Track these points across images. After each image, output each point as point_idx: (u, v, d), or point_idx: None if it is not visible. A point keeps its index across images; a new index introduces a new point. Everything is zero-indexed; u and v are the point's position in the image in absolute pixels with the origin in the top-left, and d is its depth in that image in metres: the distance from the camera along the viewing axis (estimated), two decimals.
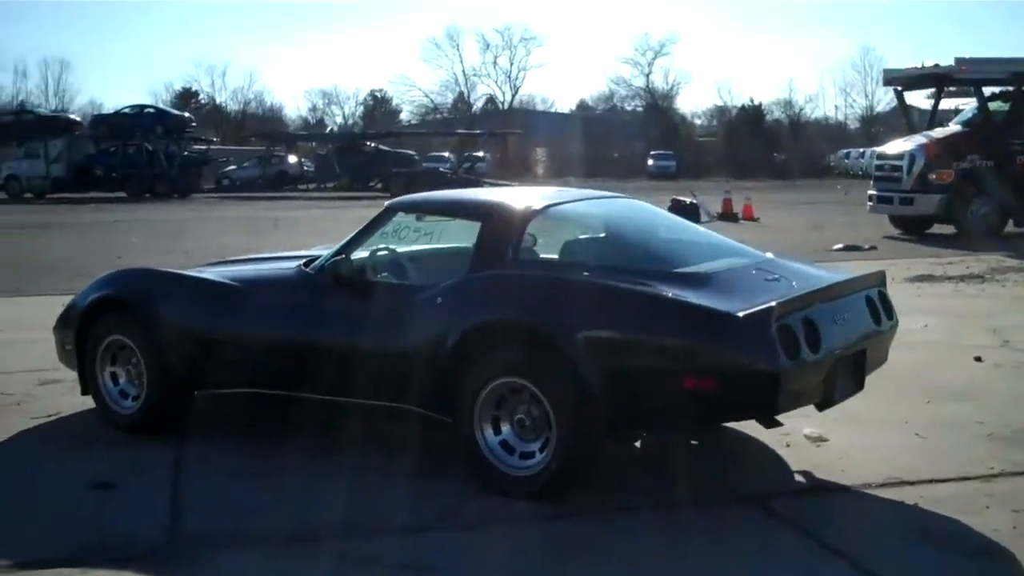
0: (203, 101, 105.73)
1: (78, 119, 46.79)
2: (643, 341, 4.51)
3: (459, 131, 58.36)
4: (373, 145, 45.09)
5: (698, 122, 77.88)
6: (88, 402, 6.11)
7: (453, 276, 5.06)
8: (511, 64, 79.75)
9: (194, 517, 4.63)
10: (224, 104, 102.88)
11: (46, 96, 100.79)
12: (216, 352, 5.63)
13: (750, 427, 5.39)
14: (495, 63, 79.32)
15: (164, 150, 41.58)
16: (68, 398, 6.39)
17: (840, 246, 16.04)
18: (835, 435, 5.65)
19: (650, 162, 56.98)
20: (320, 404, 5.34)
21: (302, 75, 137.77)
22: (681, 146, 60.97)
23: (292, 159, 45.05)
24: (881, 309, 5.18)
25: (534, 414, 4.70)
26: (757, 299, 4.48)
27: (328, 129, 65.50)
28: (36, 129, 42.78)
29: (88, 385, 6.04)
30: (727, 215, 22.50)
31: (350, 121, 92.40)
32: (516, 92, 79.96)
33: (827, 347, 4.58)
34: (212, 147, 47.35)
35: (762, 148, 58.00)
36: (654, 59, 74.02)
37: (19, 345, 8.32)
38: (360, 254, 5.45)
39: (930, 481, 4.96)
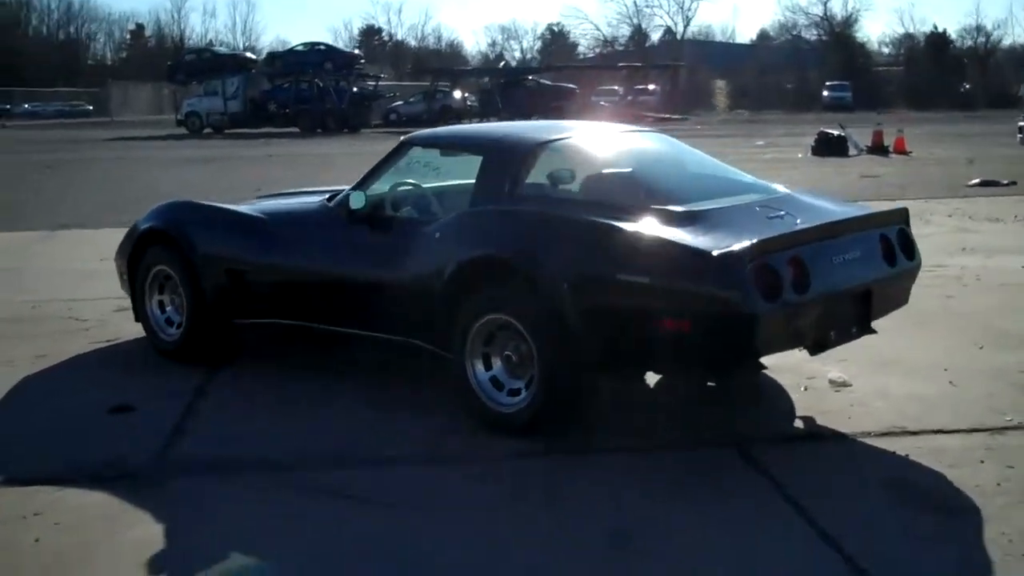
0: (384, 38, 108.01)
1: (254, 57, 48.39)
2: (620, 279, 4.41)
3: (621, 64, 57.53)
4: (534, 79, 45.04)
5: (886, 51, 74.88)
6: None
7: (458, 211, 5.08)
8: None
9: (187, 443, 4.80)
10: (404, 40, 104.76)
11: (233, 35, 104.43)
12: (244, 283, 5.80)
13: (773, 368, 5.32)
14: None
15: (334, 86, 42.57)
16: (133, 325, 6.65)
17: (976, 181, 15.24)
18: (862, 380, 5.46)
19: (825, 93, 55.20)
20: (354, 338, 5.43)
21: (479, 11, 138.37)
22: (859, 76, 58.62)
23: (456, 94, 45.45)
24: (898, 249, 4.93)
25: (521, 350, 4.68)
26: (744, 237, 4.32)
27: (502, 64, 65.53)
28: (214, 67, 44.41)
29: (138, 312, 6.32)
30: (877, 148, 21.65)
31: (528, 56, 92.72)
32: (688, 23, 78.51)
33: (819, 288, 4.39)
34: (380, 83, 48.18)
35: (946, 78, 55.20)
36: None
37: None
38: (376, 188, 5.51)
39: (935, 431, 4.73)
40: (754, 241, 4.24)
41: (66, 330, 7.01)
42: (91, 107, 71.22)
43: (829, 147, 21.26)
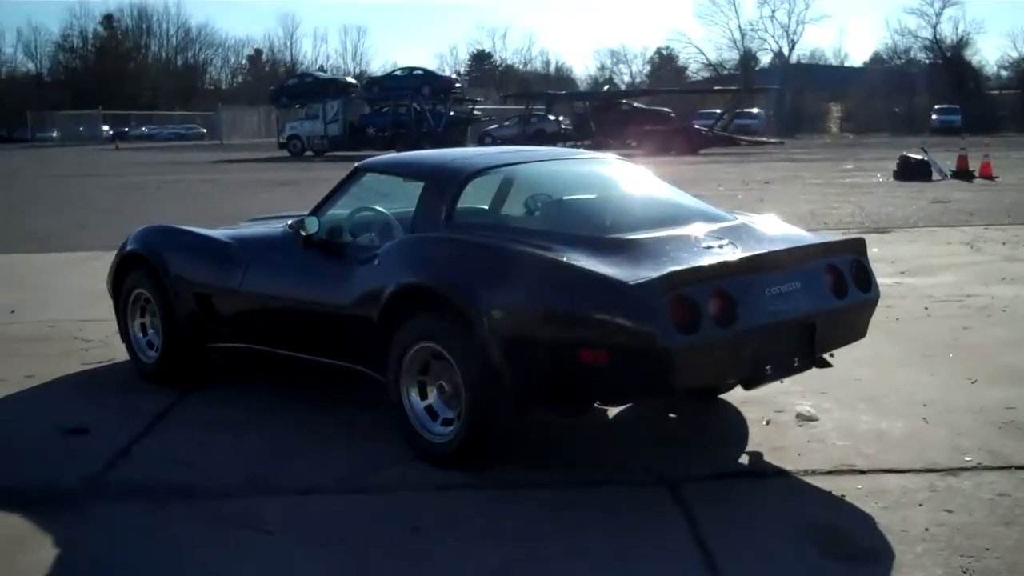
0: (495, 63, 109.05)
1: (354, 81, 49.17)
2: (539, 309, 4.29)
3: (716, 87, 57.00)
4: (628, 103, 44.82)
5: (1004, 73, 72.78)
6: None
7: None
8: (789, 18, 77.44)
9: (125, 467, 4.77)
10: (512, 65, 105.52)
11: (344, 59, 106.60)
12: (211, 307, 5.81)
13: (743, 399, 5.25)
14: (772, 16, 77.14)
15: (431, 110, 42.99)
16: None
17: None
18: (833, 415, 5.25)
19: (933, 117, 53.88)
20: (325, 366, 5.39)
21: (587, 35, 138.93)
22: (970, 100, 57.04)
23: (551, 118, 45.47)
24: (851, 280, 4.70)
25: (454, 380, 4.58)
26: (664, 268, 4.17)
27: (605, 87, 65.46)
28: (316, 91, 45.27)
29: (122, 334, 6.40)
30: (961, 173, 20.96)
31: (637, 79, 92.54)
32: (793, 47, 77.47)
33: (747, 321, 4.21)
34: (480, 107, 48.51)
35: None
36: (942, 9, 69.98)
37: None
38: (331, 214, 5.47)
39: (885, 471, 4.49)
40: (671, 271, 4.07)
41: (67, 350, 7.11)
42: (204, 130, 73.18)
43: (911, 171, 20.66)
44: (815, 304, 4.52)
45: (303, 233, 5.28)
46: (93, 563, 3.79)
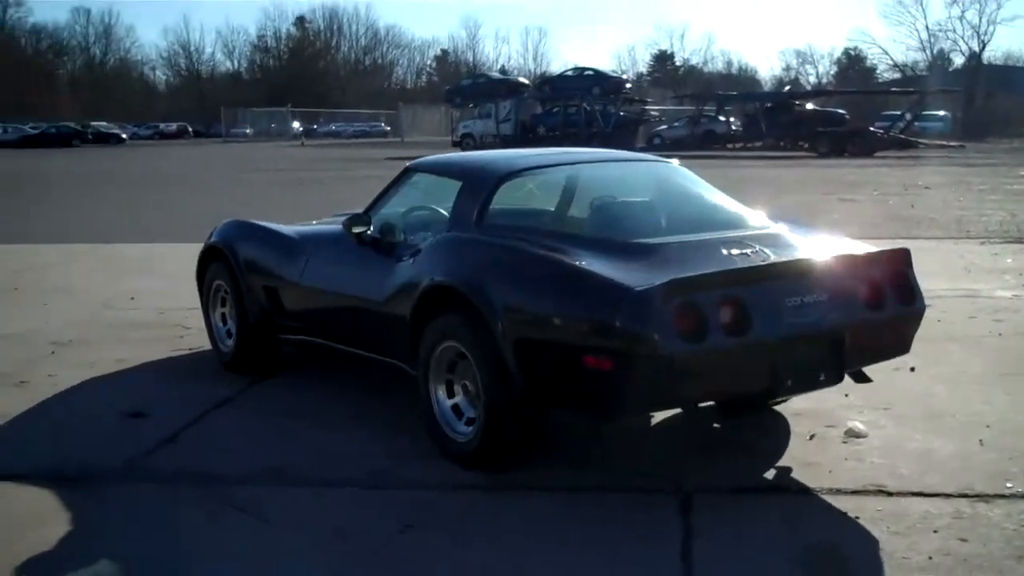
0: (677, 64, 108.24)
1: (526, 82, 49.56)
2: (548, 312, 4.25)
3: (893, 89, 54.96)
4: (802, 104, 43.72)
5: None
6: None
7: None
8: (980, 18, 74.22)
9: (168, 453, 4.92)
10: (697, 65, 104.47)
11: (524, 59, 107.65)
12: (278, 299, 5.97)
13: (797, 411, 5.15)
14: (962, 17, 74.07)
15: (601, 111, 42.96)
16: None
17: None
18: (886, 432, 5.04)
19: None
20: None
21: (768, 35, 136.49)
22: None
23: (721, 119, 44.79)
24: (889, 292, 4.49)
25: (477, 380, 4.59)
26: (673, 273, 4.08)
27: (785, 88, 64.02)
28: (489, 91, 45.87)
29: (207, 324, 6.65)
30: None
31: (823, 80, 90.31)
32: (984, 47, 74.19)
33: (763, 331, 4.07)
34: (647, 107, 48.23)
35: None
36: None
37: None
38: (384, 212, 5.55)
39: (913, 494, 4.26)
40: (674, 277, 3.97)
41: (165, 337, 7.41)
42: (388, 128, 75.03)
43: None
44: (844, 316, 4.33)
45: (353, 231, 5.36)
46: (94, 543, 3.93)
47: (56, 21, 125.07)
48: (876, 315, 4.45)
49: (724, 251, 4.49)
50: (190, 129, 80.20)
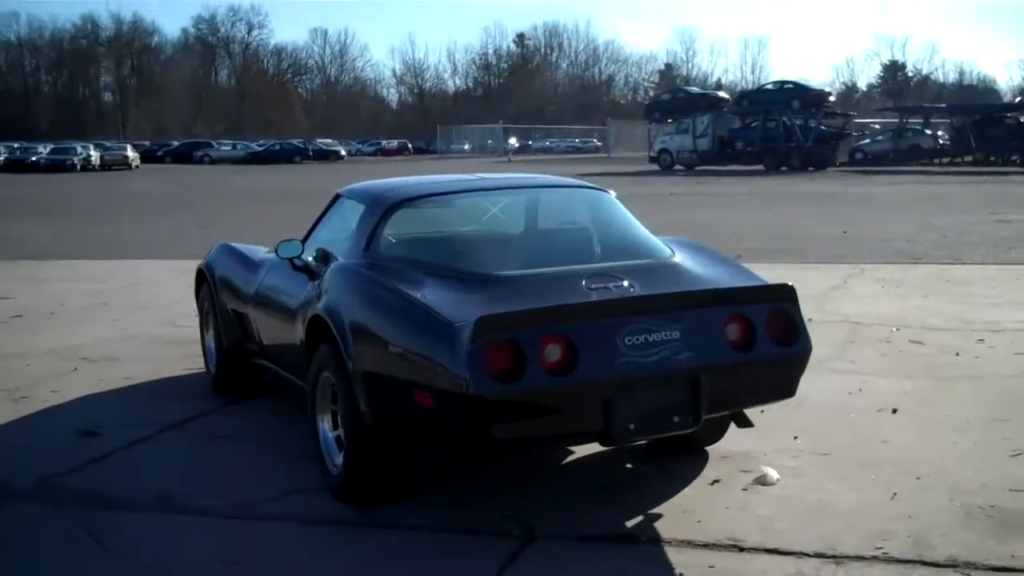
0: (909, 74, 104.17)
1: (725, 96, 48.68)
2: (387, 345, 4.17)
3: None
4: (1015, 118, 41.08)
5: None
6: None
7: None
8: None
9: (88, 472, 5.07)
10: (931, 75, 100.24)
11: (741, 71, 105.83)
12: (242, 323, 6.07)
13: (719, 454, 4.98)
14: None
15: (800, 124, 41.78)
16: None
17: None
18: (797, 481, 4.71)
19: None
20: None
21: (1003, 43, 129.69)
22: None
23: (927, 132, 42.68)
24: (763, 332, 4.18)
25: None
26: (497, 309, 3.94)
27: (1017, 99, 60.49)
28: (687, 106, 45.35)
29: (201, 344, 6.85)
30: None
31: None
32: None
33: (592, 371, 3.88)
34: (849, 120, 46.51)
35: None
36: None
37: None
38: (316, 237, 5.56)
39: (768, 551, 3.95)
40: (489, 314, 3.82)
41: (190, 355, 7.61)
42: (599, 143, 75.24)
43: None
44: (700, 357, 4.05)
45: (281, 255, 5.40)
46: None
47: (295, 42, 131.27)
48: (743, 356, 4.15)
49: (584, 284, 4.29)
50: (410, 146, 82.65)
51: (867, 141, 45.25)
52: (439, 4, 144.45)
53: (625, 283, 4.33)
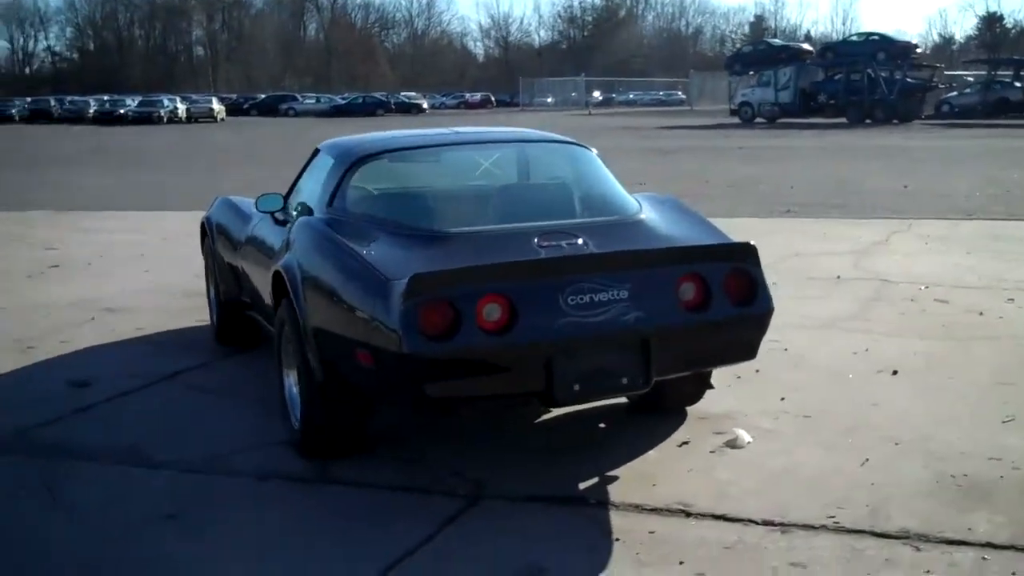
0: (1008, 25, 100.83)
1: (809, 48, 47.56)
2: (334, 303, 4.10)
3: None
4: None
5: None
6: None
7: None
8: None
9: (67, 424, 5.08)
10: None
11: (832, 23, 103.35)
12: (236, 277, 6.05)
13: (698, 415, 4.86)
14: None
15: (885, 77, 40.69)
16: None
17: None
18: (771, 445, 4.55)
19: None
20: None
21: None
22: None
23: (1017, 85, 41.17)
24: (720, 292, 4.01)
25: None
26: (437, 266, 3.84)
27: None
28: (769, 58, 44.44)
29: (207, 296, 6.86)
30: None
31: None
32: None
33: (531, 331, 3.75)
34: (936, 72, 45.10)
35: None
36: None
37: None
38: (297, 191, 5.49)
39: (716, 517, 3.81)
40: (423, 272, 3.71)
41: (200, 306, 7.61)
42: (683, 96, 74.23)
43: None
44: (650, 317, 3.90)
45: (260, 209, 5.35)
46: None
47: None
48: (697, 317, 3.99)
49: (536, 242, 4.16)
50: (493, 99, 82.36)
51: (954, 94, 43.87)
52: None
53: (580, 241, 4.18)
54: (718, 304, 3.99)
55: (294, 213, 5.12)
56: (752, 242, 4.17)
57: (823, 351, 5.97)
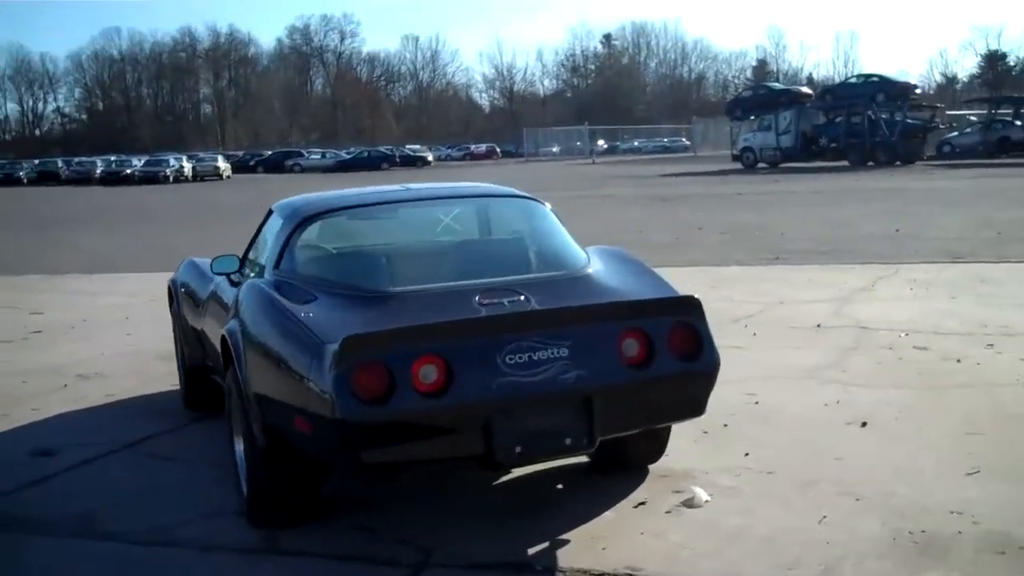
0: (1010, 63, 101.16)
1: (808, 91, 47.67)
2: (273, 368, 4.04)
3: None
4: None
5: None
6: None
7: None
8: None
9: (25, 496, 5.02)
10: None
11: (833, 65, 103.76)
12: (193, 339, 5.99)
13: (659, 472, 4.76)
14: None
15: (886, 118, 40.74)
16: None
17: None
18: (729, 503, 4.46)
19: None
20: None
21: None
22: None
23: (1018, 123, 41.13)
24: (664, 348, 3.94)
25: None
26: (371, 328, 3.79)
27: None
28: (769, 102, 44.55)
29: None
30: None
31: None
32: None
33: (468, 392, 3.69)
34: (937, 112, 45.15)
35: None
36: None
37: None
38: (252, 252, 5.46)
39: None
40: (355, 333, 3.66)
41: (173, 370, 7.58)
42: (687, 142, 74.45)
43: None
44: (592, 375, 3.83)
45: (215, 271, 5.31)
46: None
47: (387, 50, 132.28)
48: (641, 373, 3.92)
49: (476, 300, 4.10)
50: (498, 150, 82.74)
51: (955, 134, 43.86)
52: (525, 6, 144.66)
53: (522, 297, 4.13)
54: (662, 360, 3.92)
55: (251, 274, 5.09)
56: (696, 295, 4.11)
57: (795, 403, 5.88)
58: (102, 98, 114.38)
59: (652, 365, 3.91)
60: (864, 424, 5.41)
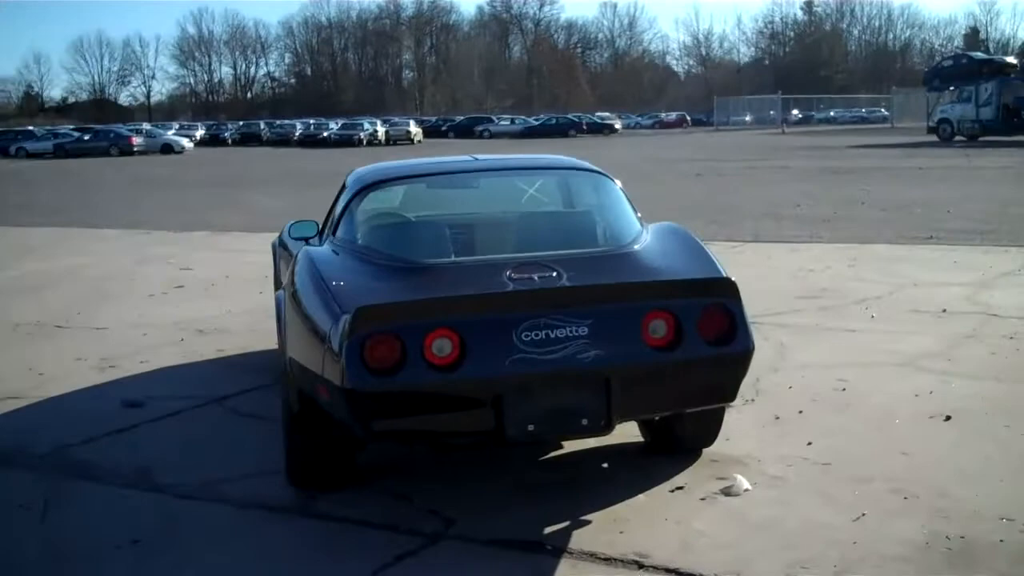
0: None
1: (1014, 62, 44.96)
2: (306, 334, 4.10)
3: None
4: None
5: None
6: None
7: None
8: None
9: (104, 443, 5.26)
10: None
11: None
12: None
13: (710, 457, 4.66)
14: None
15: None
16: None
17: None
18: (769, 494, 4.30)
19: None
20: None
21: None
22: None
23: None
24: (693, 330, 3.80)
25: None
26: (390, 298, 3.82)
27: None
28: (970, 72, 42.38)
29: None
30: None
31: None
32: None
33: (480, 367, 3.66)
34: None
35: None
36: None
37: None
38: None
39: (669, 571, 3.62)
40: (367, 304, 3.67)
41: None
42: (887, 113, 71.76)
43: None
44: (610, 356, 3.74)
45: (293, 236, 5.42)
46: None
47: (585, 17, 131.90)
48: (665, 356, 3.79)
49: (508, 274, 4.05)
50: (688, 118, 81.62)
51: None
52: None
53: (554, 274, 4.05)
54: (690, 343, 3.79)
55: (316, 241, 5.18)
56: (732, 276, 3.95)
57: (883, 392, 5.60)
58: (310, 63, 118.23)
59: (679, 348, 3.78)
60: (948, 418, 5.10)
